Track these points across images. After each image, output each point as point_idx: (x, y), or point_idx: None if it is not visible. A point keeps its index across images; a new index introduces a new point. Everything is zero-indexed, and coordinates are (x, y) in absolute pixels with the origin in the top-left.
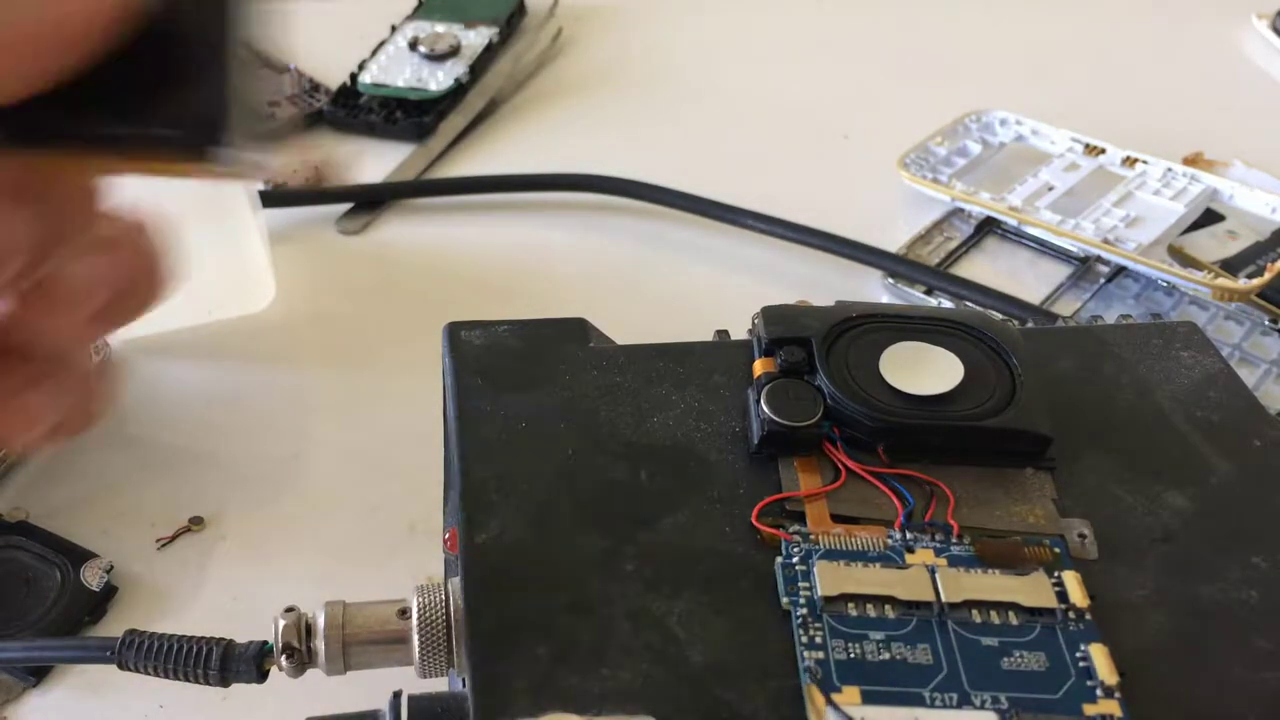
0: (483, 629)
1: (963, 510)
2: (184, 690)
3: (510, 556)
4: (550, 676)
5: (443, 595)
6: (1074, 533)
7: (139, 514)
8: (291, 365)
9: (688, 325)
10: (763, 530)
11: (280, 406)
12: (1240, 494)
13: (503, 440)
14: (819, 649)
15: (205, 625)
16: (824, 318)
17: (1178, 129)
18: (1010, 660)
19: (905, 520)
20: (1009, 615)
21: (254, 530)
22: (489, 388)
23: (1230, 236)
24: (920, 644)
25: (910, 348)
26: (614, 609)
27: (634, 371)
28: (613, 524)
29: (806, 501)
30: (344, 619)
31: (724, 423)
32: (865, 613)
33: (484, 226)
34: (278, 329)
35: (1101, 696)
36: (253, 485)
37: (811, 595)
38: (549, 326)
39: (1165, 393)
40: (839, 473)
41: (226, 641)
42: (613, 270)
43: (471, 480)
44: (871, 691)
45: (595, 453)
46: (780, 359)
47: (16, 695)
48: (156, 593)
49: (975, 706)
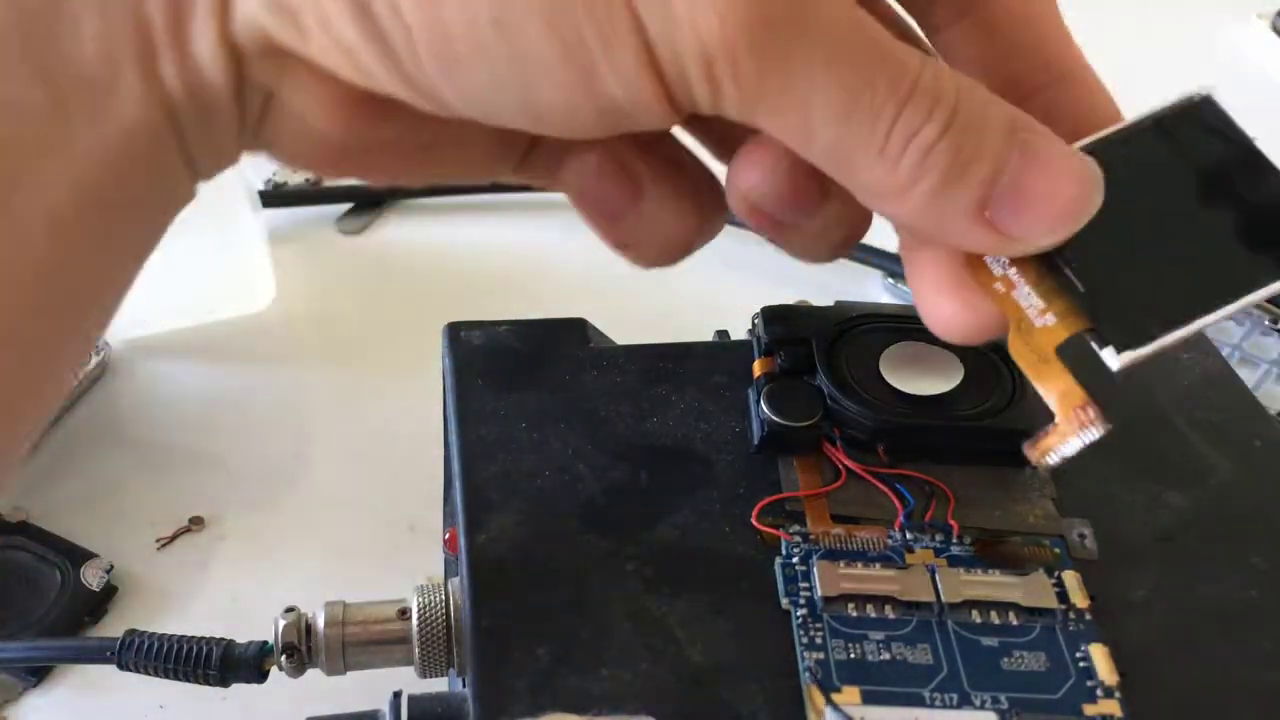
0: (483, 629)
1: (963, 510)
2: (184, 690)
3: (510, 556)
4: (550, 676)
5: (443, 595)
6: (1074, 533)
7: (139, 514)
8: (291, 365)
9: (688, 325)
10: (762, 530)
11: (280, 406)
12: (1240, 494)
13: (503, 440)
14: (819, 649)
15: (205, 625)
16: (824, 318)
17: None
18: (1010, 660)
19: (905, 520)
20: (1009, 615)
21: (254, 530)
22: (489, 388)
23: None
24: (920, 644)
25: (910, 348)
26: (614, 609)
27: (634, 371)
28: (613, 524)
29: (806, 501)
30: (344, 619)
31: (724, 423)
32: (865, 613)
33: (484, 226)
34: (278, 329)
35: (1101, 696)
36: (253, 485)
37: (811, 595)
38: (549, 326)
39: (1165, 393)
40: (839, 473)
41: (226, 641)
42: (613, 270)
43: (471, 480)
44: (871, 691)
45: (595, 453)
46: (780, 359)
47: (16, 695)
48: (156, 593)
49: (975, 706)
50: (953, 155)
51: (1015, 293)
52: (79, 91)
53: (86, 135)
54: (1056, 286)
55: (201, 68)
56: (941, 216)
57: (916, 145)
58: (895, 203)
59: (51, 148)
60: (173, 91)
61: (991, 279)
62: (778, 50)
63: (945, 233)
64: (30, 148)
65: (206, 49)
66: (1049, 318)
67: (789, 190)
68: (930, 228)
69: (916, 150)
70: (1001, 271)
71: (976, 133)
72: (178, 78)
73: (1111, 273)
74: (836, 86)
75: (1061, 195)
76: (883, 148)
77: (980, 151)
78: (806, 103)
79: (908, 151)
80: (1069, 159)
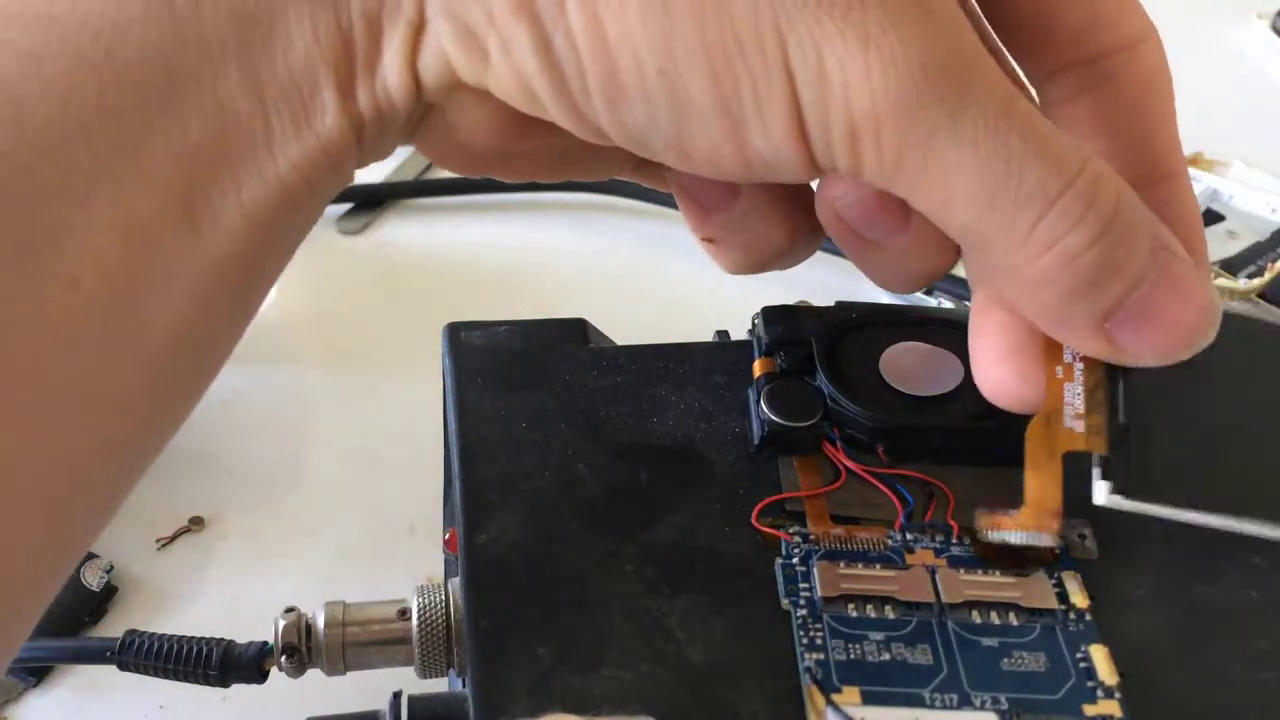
0: (483, 629)
1: (963, 511)
2: (184, 690)
3: (510, 556)
4: (550, 676)
5: (443, 595)
6: (1074, 533)
7: (139, 514)
8: (291, 365)
9: (688, 325)
10: (762, 531)
11: (280, 406)
12: None
13: (503, 440)
14: (819, 650)
15: (205, 625)
16: (824, 318)
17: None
18: (1010, 661)
19: (905, 521)
20: (1009, 616)
21: (254, 530)
22: (489, 388)
23: (1230, 236)
24: (920, 644)
25: (910, 348)
26: (614, 609)
27: (634, 371)
28: (613, 524)
29: (806, 502)
30: (344, 619)
31: (724, 423)
32: (865, 613)
33: (484, 226)
34: (277, 329)
35: (1102, 697)
36: (253, 485)
37: (811, 596)
38: (549, 326)
39: None
40: (839, 473)
41: (226, 642)
42: (613, 270)
43: (471, 480)
44: (872, 692)
45: (595, 453)
46: (780, 359)
47: (16, 695)
48: (156, 593)
49: (975, 707)
50: (1097, 268)
51: (1068, 387)
52: (283, 103)
53: (288, 144)
54: (1103, 400)
55: (390, 92)
56: (1064, 318)
57: (1061, 250)
58: (1020, 291)
59: (254, 150)
60: (364, 111)
61: (1056, 362)
62: (924, 130)
63: (1057, 328)
64: (234, 149)
65: (395, 77)
66: (1079, 424)
67: (875, 205)
68: (1044, 320)
69: (1060, 255)
70: (1069, 359)
71: (1126, 248)
72: (369, 99)
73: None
74: (982, 171)
75: (1187, 324)
76: (1024, 242)
77: (1124, 267)
78: (947, 182)
79: (1049, 254)
80: (1200, 288)
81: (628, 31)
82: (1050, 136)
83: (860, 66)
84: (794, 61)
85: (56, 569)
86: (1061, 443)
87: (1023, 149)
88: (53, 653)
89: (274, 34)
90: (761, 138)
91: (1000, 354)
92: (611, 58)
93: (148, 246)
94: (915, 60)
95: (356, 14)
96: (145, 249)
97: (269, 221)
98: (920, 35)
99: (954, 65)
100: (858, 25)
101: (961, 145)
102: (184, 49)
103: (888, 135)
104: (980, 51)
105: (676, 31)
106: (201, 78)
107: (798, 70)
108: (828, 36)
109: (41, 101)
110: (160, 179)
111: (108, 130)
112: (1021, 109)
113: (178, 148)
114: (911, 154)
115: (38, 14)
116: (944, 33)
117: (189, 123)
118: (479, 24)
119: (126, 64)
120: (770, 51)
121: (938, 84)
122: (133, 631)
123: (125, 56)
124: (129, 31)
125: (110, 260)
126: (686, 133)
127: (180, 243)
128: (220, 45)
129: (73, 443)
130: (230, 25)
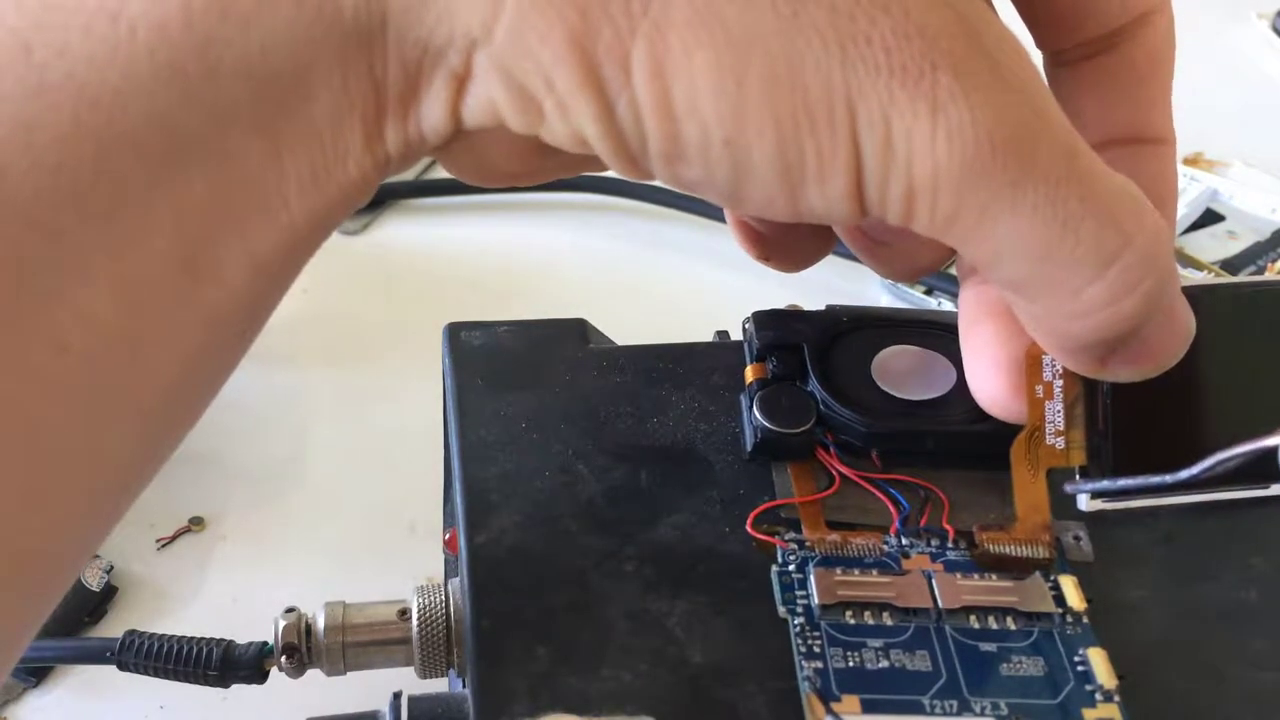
0: (483, 629)
1: (958, 514)
2: (184, 690)
3: (510, 556)
4: (550, 676)
5: (443, 595)
6: (1069, 535)
7: (139, 514)
8: (291, 365)
9: (688, 325)
10: (757, 538)
11: (280, 406)
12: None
13: (503, 440)
14: (817, 657)
15: (205, 625)
16: (815, 322)
17: (1177, 129)
18: (1009, 666)
19: (900, 525)
20: (1006, 620)
21: (254, 530)
22: (489, 388)
23: (1230, 237)
24: (919, 650)
25: (902, 352)
26: (614, 609)
27: (634, 372)
28: (613, 524)
29: (801, 508)
30: (344, 619)
31: (723, 424)
32: (863, 620)
33: (484, 226)
34: (277, 329)
35: (1101, 700)
36: (253, 485)
37: (809, 603)
38: (549, 327)
39: None
40: (833, 479)
41: (226, 642)
42: (613, 270)
43: (471, 480)
44: (871, 700)
45: (595, 453)
46: (772, 364)
47: (16, 695)
48: (156, 593)
49: (975, 713)
50: (1140, 324)
51: (1048, 405)
52: (302, 154)
53: (305, 194)
54: (1082, 414)
55: (424, 132)
56: (1077, 353)
57: (1109, 315)
58: (1048, 330)
59: (267, 201)
60: (392, 150)
61: (1037, 380)
62: (983, 197)
63: (1066, 356)
64: (244, 202)
65: (433, 120)
66: (1060, 440)
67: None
68: (1057, 349)
69: (1107, 318)
70: (1050, 378)
71: (1167, 305)
72: (399, 139)
73: (1136, 421)
74: (1038, 233)
75: (1172, 351)
76: (1074, 298)
77: (1153, 315)
78: (996, 239)
79: (1096, 314)
80: (1185, 313)
81: (696, 104)
82: (1110, 193)
83: (926, 134)
84: (862, 133)
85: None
86: (1044, 459)
87: (1082, 211)
88: (53, 653)
89: (297, 89)
90: (818, 198)
91: (997, 366)
92: (676, 127)
93: (144, 306)
94: (982, 131)
95: (394, 63)
96: (141, 309)
97: (279, 268)
98: (989, 104)
99: (1020, 135)
100: (928, 94)
101: (1019, 211)
102: (192, 113)
103: (944, 199)
104: (1048, 112)
105: (748, 104)
106: (208, 137)
107: (864, 140)
108: (898, 106)
109: (30, 170)
110: (160, 237)
111: (102, 194)
112: (1083, 167)
113: (181, 204)
114: (966, 215)
115: (41, 83)
116: (1013, 100)
117: (193, 178)
118: (536, 88)
119: (128, 129)
120: (840, 124)
121: (1002, 155)
122: (133, 632)
123: (127, 123)
124: (133, 101)
125: (102, 323)
126: (743, 189)
127: (179, 299)
128: (233, 106)
129: (55, 497)
130: (248, 86)
